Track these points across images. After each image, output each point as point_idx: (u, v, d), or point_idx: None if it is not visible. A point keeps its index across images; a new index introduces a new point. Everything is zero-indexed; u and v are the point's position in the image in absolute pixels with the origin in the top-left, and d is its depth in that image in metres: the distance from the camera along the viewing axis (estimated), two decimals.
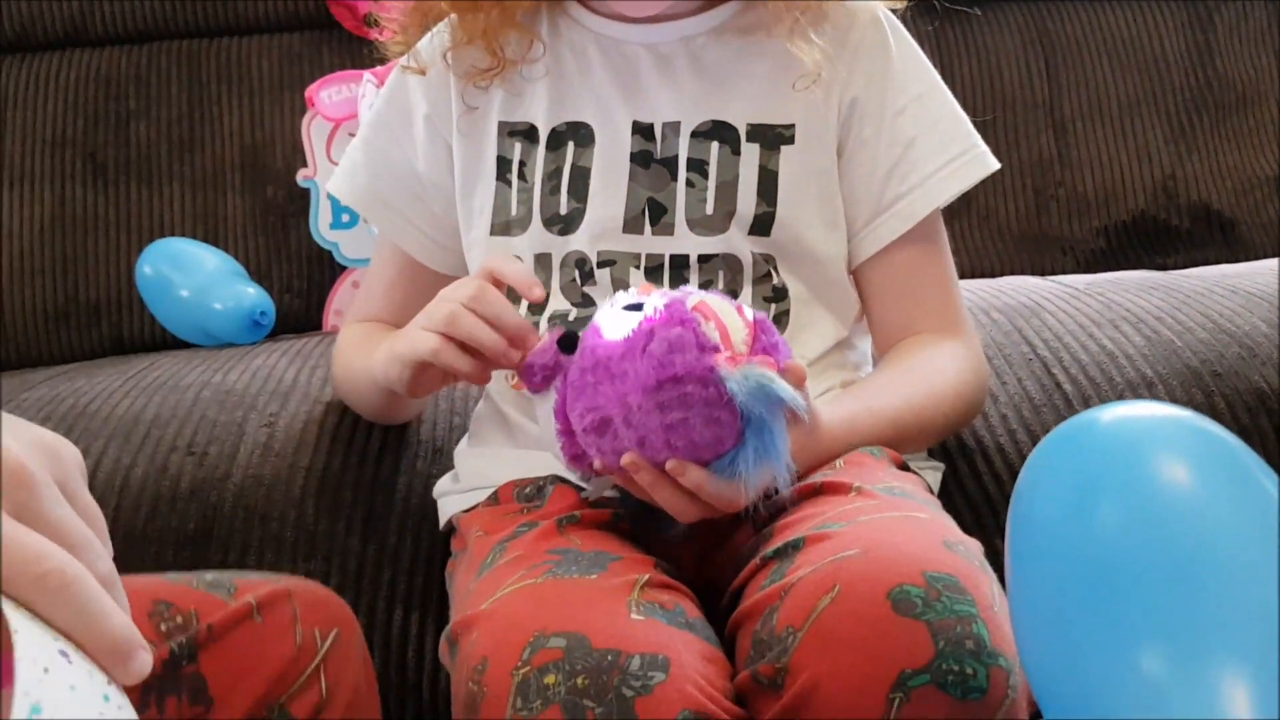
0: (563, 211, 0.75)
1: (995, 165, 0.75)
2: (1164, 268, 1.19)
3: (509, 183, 0.77)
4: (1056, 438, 0.43)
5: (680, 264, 0.74)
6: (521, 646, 0.52)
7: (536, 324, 0.76)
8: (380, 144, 0.81)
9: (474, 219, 0.79)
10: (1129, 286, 0.96)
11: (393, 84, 0.81)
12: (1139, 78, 1.36)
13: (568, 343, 0.62)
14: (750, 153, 0.74)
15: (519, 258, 0.76)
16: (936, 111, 0.75)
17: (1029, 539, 0.41)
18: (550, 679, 0.50)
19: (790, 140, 0.74)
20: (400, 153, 0.80)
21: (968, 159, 0.74)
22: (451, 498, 0.78)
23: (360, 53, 1.26)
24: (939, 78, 0.77)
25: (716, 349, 0.56)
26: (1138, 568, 0.36)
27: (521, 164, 0.76)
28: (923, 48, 0.79)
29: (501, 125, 0.77)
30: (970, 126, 0.76)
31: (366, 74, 1.19)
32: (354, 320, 0.86)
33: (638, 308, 0.59)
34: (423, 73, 0.78)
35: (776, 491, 0.59)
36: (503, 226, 0.76)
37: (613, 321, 0.60)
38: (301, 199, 1.26)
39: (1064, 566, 0.39)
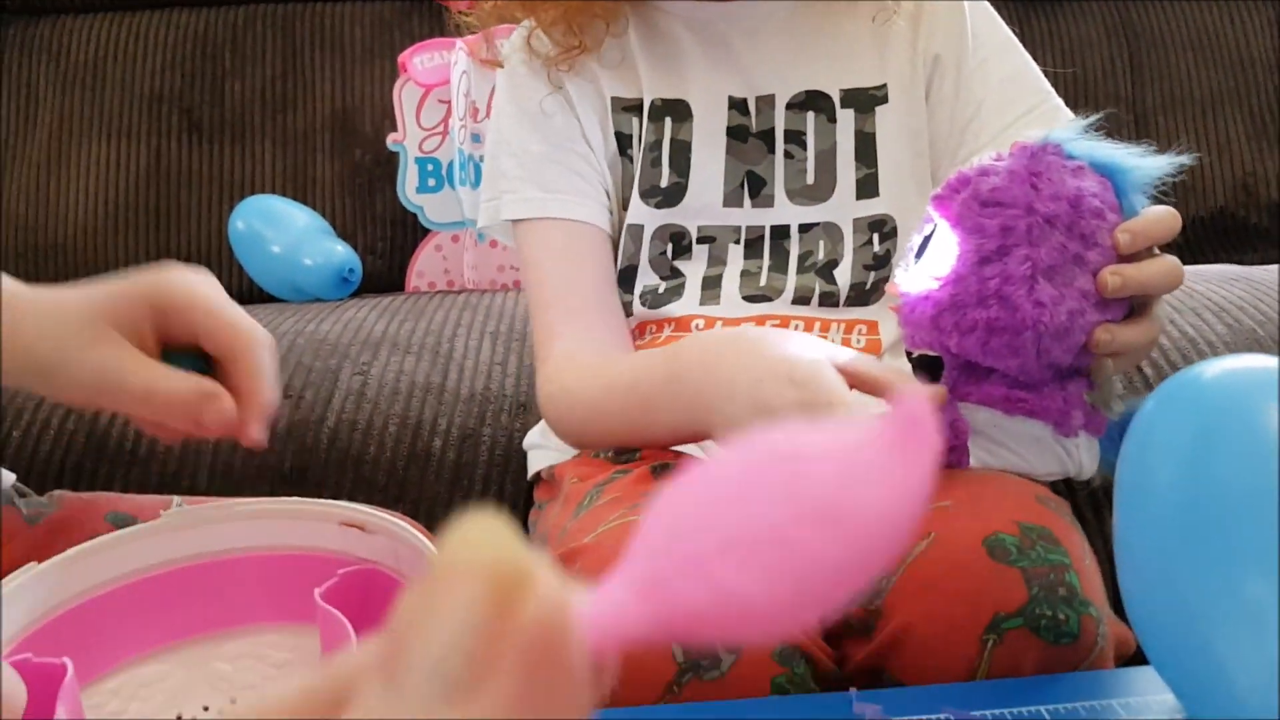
0: (663, 184, 0.76)
1: (1069, 116, 0.74)
2: (1242, 264, 1.19)
3: (631, 159, 0.77)
4: (1165, 393, 0.45)
5: (780, 234, 0.76)
6: None
7: (629, 303, 0.77)
8: (525, 143, 0.77)
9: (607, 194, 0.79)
10: (1210, 277, 0.96)
11: (507, 85, 0.80)
12: (1222, 73, 1.35)
13: (930, 366, 0.55)
14: (846, 119, 0.75)
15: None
16: (1008, 68, 0.75)
17: (1141, 491, 0.43)
18: None
19: (884, 100, 0.76)
20: (545, 143, 0.77)
21: (1037, 114, 0.74)
22: (542, 451, 0.81)
23: (448, 22, 1.29)
24: (1012, 35, 0.77)
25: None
26: (1255, 516, 0.38)
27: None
28: None
29: (615, 101, 0.78)
30: (1044, 84, 0.76)
31: (459, 42, 1.22)
32: (574, 334, 0.73)
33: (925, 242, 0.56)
34: (499, 64, 0.80)
35: None
36: (622, 198, 0.77)
37: (936, 255, 0.54)
38: (389, 163, 1.29)
39: (1179, 517, 0.41)
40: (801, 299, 0.75)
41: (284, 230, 1.21)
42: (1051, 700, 0.48)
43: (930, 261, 0.54)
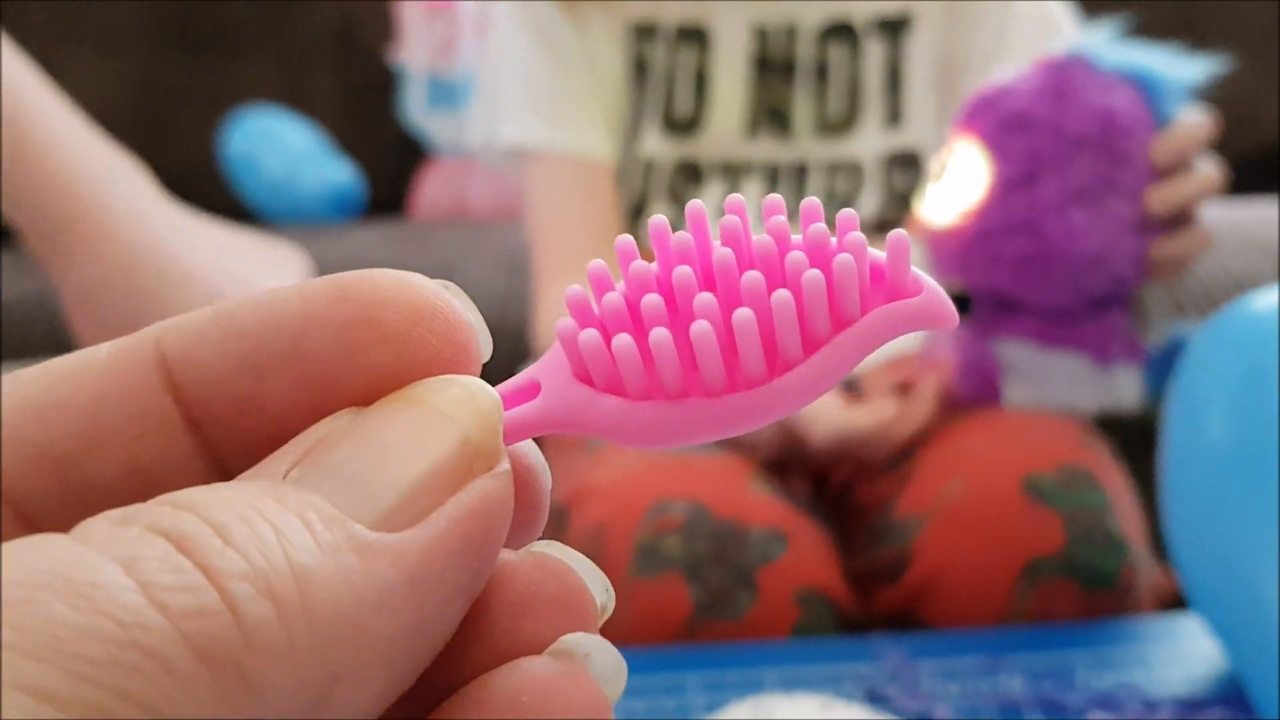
0: (680, 115, 0.74)
1: None
2: None
3: (645, 87, 0.74)
4: (1213, 328, 0.43)
5: (799, 172, 0.73)
6: (643, 512, 0.52)
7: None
8: (531, 65, 0.74)
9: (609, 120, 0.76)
10: (1258, 217, 0.94)
11: (513, 11, 0.76)
12: None
13: (957, 302, 0.57)
14: (872, 49, 0.72)
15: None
16: (1030, 9, 0.72)
17: (1189, 430, 0.41)
18: (672, 544, 0.51)
19: (910, 27, 0.73)
20: (554, 68, 0.74)
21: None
22: None
23: None
24: None
25: None
26: None
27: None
28: None
29: (633, 27, 0.74)
30: (1068, 26, 0.72)
31: None
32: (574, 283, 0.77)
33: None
34: None
35: None
36: (634, 129, 0.75)
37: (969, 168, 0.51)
38: (393, 80, 1.25)
39: (1229, 456, 0.39)
40: None
41: (282, 149, 1.17)
42: (1087, 646, 0.46)
43: (954, 190, 0.51)
